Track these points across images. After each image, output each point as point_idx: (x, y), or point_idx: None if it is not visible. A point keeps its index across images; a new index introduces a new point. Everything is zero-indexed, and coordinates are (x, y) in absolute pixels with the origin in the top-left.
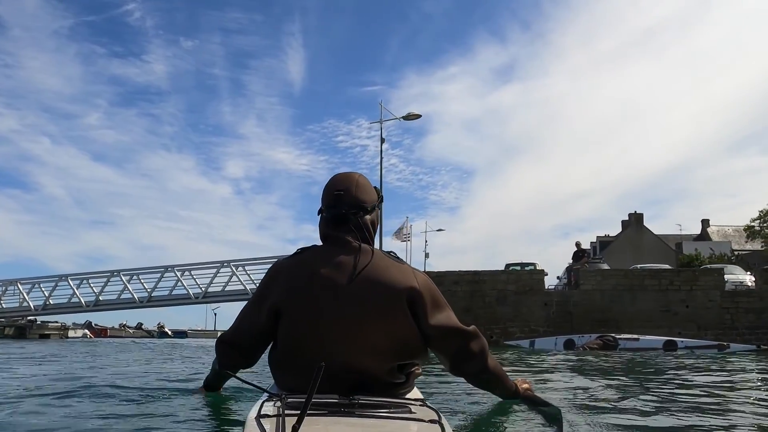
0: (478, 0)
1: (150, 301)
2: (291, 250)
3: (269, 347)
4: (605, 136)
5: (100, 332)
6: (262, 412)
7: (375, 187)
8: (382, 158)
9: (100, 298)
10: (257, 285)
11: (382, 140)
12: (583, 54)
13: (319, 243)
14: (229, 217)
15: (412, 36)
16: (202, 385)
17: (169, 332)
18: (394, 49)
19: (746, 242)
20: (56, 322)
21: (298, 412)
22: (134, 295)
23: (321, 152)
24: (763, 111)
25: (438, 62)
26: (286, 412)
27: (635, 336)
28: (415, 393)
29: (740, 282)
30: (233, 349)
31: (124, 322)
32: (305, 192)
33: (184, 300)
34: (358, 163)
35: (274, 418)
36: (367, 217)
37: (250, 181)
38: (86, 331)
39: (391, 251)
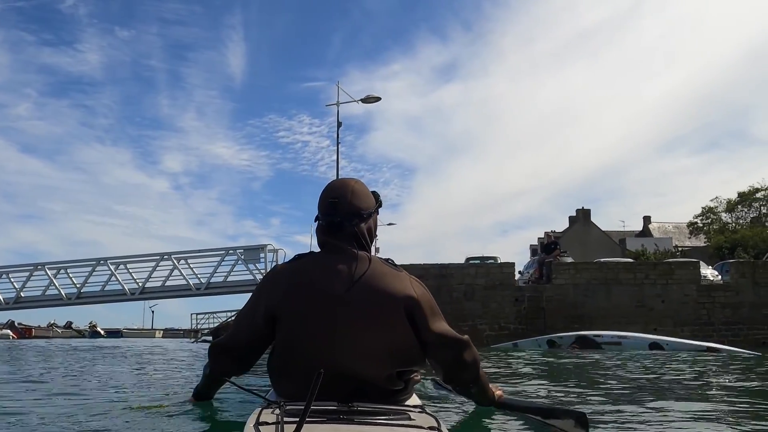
0: None
1: (80, 298)
2: (231, 245)
3: (267, 354)
4: (543, 135)
5: (24, 332)
6: (260, 420)
7: (373, 192)
8: (338, 142)
9: (22, 294)
10: (200, 279)
11: (339, 123)
12: (521, 55)
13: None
14: (166, 212)
15: (355, 32)
16: (192, 395)
17: (102, 332)
18: (336, 45)
19: (687, 239)
20: None
21: (297, 419)
22: (61, 291)
23: (262, 147)
24: (690, 114)
25: (380, 59)
26: (285, 419)
27: (619, 335)
28: (414, 400)
29: (704, 276)
30: (227, 355)
31: (53, 321)
32: (246, 187)
33: (119, 296)
34: (299, 159)
35: (273, 426)
36: (363, 224)
37: (189, 176)
38: (8, 331)
39: (389, 259)
